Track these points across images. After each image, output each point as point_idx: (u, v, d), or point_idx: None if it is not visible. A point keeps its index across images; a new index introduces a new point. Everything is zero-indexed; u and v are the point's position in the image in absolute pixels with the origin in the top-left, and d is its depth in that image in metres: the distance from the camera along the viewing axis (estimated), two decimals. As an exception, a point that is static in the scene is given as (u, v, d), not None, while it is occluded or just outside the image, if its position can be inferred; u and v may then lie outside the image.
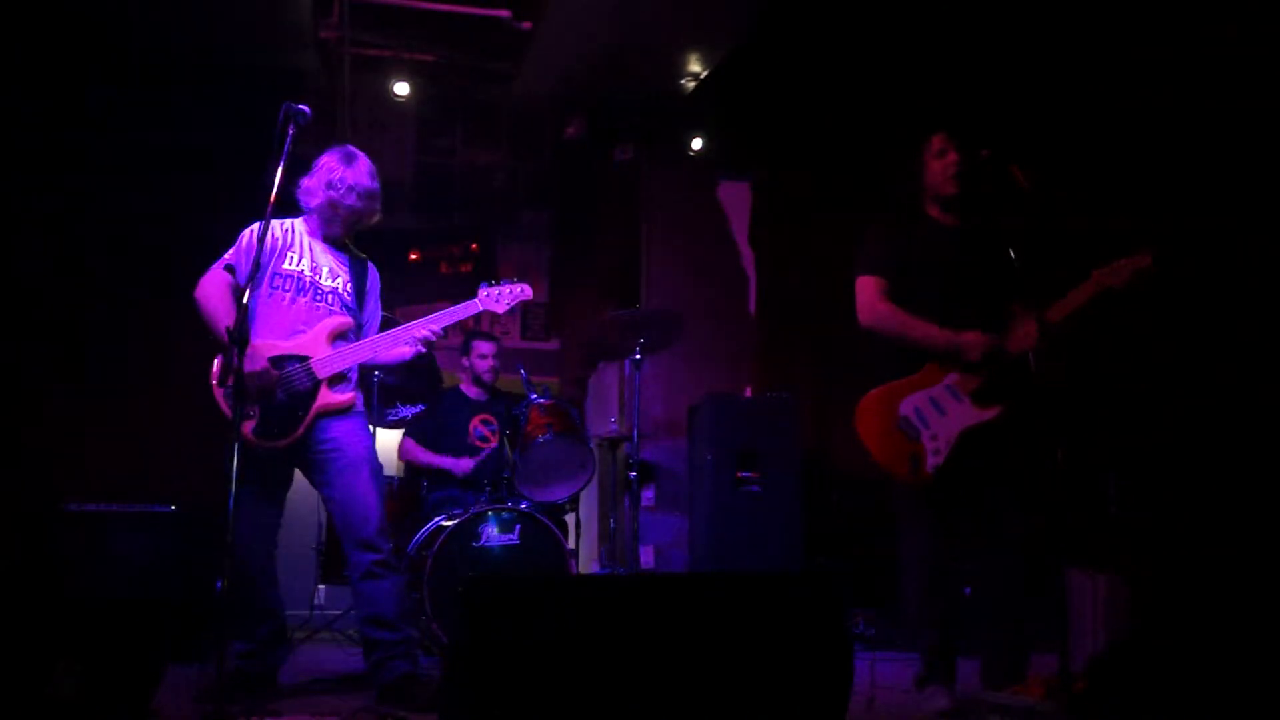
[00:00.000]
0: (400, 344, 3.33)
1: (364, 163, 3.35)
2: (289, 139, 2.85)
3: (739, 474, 5.00)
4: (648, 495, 5.83)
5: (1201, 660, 2.49)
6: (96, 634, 2.62)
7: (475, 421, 4.80)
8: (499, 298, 3.46)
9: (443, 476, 4.66)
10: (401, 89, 5.64)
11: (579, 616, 2.15)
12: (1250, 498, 3.53)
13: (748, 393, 5.96)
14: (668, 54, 5.50)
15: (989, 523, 3.17)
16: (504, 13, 5.25)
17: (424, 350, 3.33)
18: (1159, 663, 2.56)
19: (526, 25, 5.29)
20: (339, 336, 3.29)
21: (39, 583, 3.72)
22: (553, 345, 6.95)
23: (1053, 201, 3.12)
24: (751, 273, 6.50)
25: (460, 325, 4.00)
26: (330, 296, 3.31)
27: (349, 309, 3.36)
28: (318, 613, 4.65)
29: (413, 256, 3.47)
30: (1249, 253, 3.66)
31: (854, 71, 5.19)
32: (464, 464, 4.60)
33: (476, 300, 3.44)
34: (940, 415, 3.10)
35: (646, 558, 5.71)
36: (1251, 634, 2.56)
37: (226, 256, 3.27)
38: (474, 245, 6.26)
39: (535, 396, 4.46)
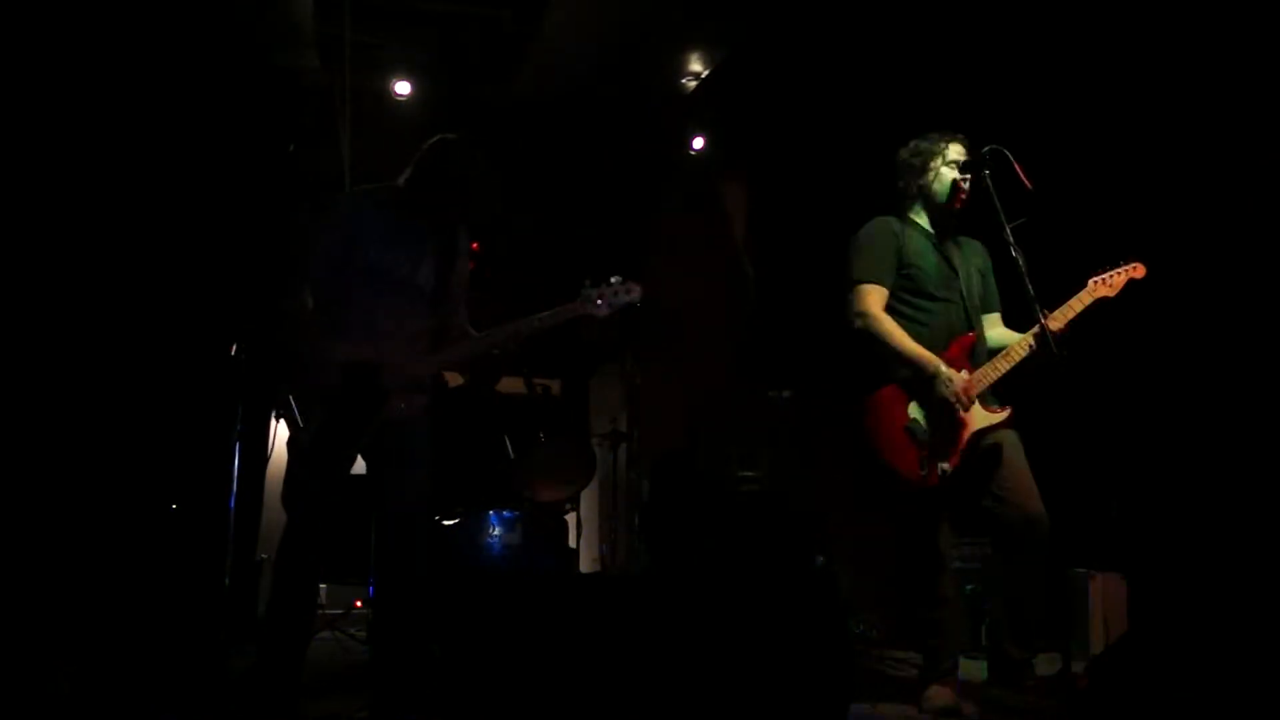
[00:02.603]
0: (482, 348, 3.11)
1: (474, 163, 3.11)
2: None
3: (740, 473, 5.00)
4: (648, 495, 5.83)
5: (1202, 660, 2.49)
6: (98, 633, 2.62)
7: (475, 419, 4.80)
8: (600, 300, 3.07)
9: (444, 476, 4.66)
10: (403, 89, 5.64)
11: (579, 616, 2.15)
12: (1250, 497, 3.53)
13: (748, 393, 5.96)
14: (668, 53, 5.51)
15: (993, 522, 3.16)
16: (504, 13, 5.25)
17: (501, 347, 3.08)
18: (1159, 663, 2.56)
19: (526, 25, 5.29)
20: (419, 340, 3.08)
21: (41, 582, 3.72)
22: (554, 346, 6.94)
23: (1054, 200, 3.12)
24: (752, 273, 6.51)
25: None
26: (415, 291, 3.09)
27: (434, 302, 3.13)
28: (319, 612, 4.64)
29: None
30: (1248, 251, 3.66)
31: (854, 71, 5.19)
32: None
33: (574, 304, 3.07)
34: (949, 419, 3.06)
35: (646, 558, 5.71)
36: (1251, 633, 2.56)
37: (312, 247, 3.04)
38: (474, 244, 6.24)
39: (537, 397, 4.47)
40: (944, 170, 3.18)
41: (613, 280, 3.09)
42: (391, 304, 3.04)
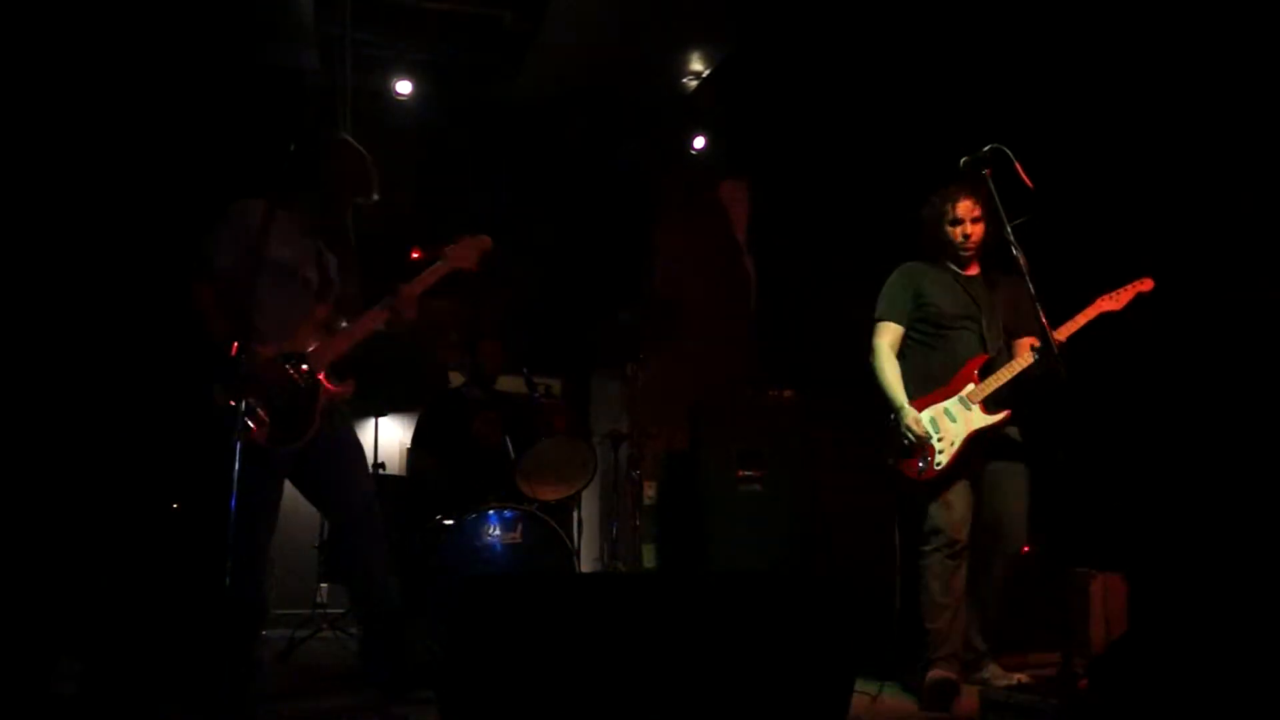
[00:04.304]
0: (377, 322, 3.27)
1: (361, 156, 3.31)
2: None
3: (740, 473, 5.00)
4: (649, 494, 5.83)
5: (1202, 660, 2.49)
6: (98, 633, 2.62)
7: (477, 421, 4.80)
8: (464, 253, 3.40)
9: (446, 475, 4.66)
10: (403, 88, 5.64)
11: (580, 615, 2.15)
12: (1249, 496, 3.54)
13: (749, 392, 5.96)
14: (668, 53, 5.51)
15: (977, 543, 3.41)
16: (504, 13, 5.26)
17: (392, 318, 3.28)
18: (1159, 663, 2.56)
19: (527, 25, 5.29)
20: (324, 326, 3.24)
21: (41, 582, 3.72)
22: (555, 345, 6.94)
23: (1055, 201, 3.14)
24: (753, 270, 6.51)
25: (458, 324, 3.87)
26: (310, 283, 3.25)
27: (320, 297, 3.29)
28: (319, 611, 4.65)
29: (414, 255, 3.53)
30: (1248, 251, 3.66)
31: (856, 70, 5.19)
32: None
33: (443, 261, 3.38)
34: (951, 422, 3.39)
35: (647, 557, 5.71)
36: (1252, 632, 2.56)
37: (219, 244, 3.14)
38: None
39: (538, 396, 4.47)
40: (947, 228, 3.53)
41: (463, 237, 3.41)
42: (294, 298, 3.19)
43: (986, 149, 3.09)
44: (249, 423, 2.98)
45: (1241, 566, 3.43)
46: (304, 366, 3.14)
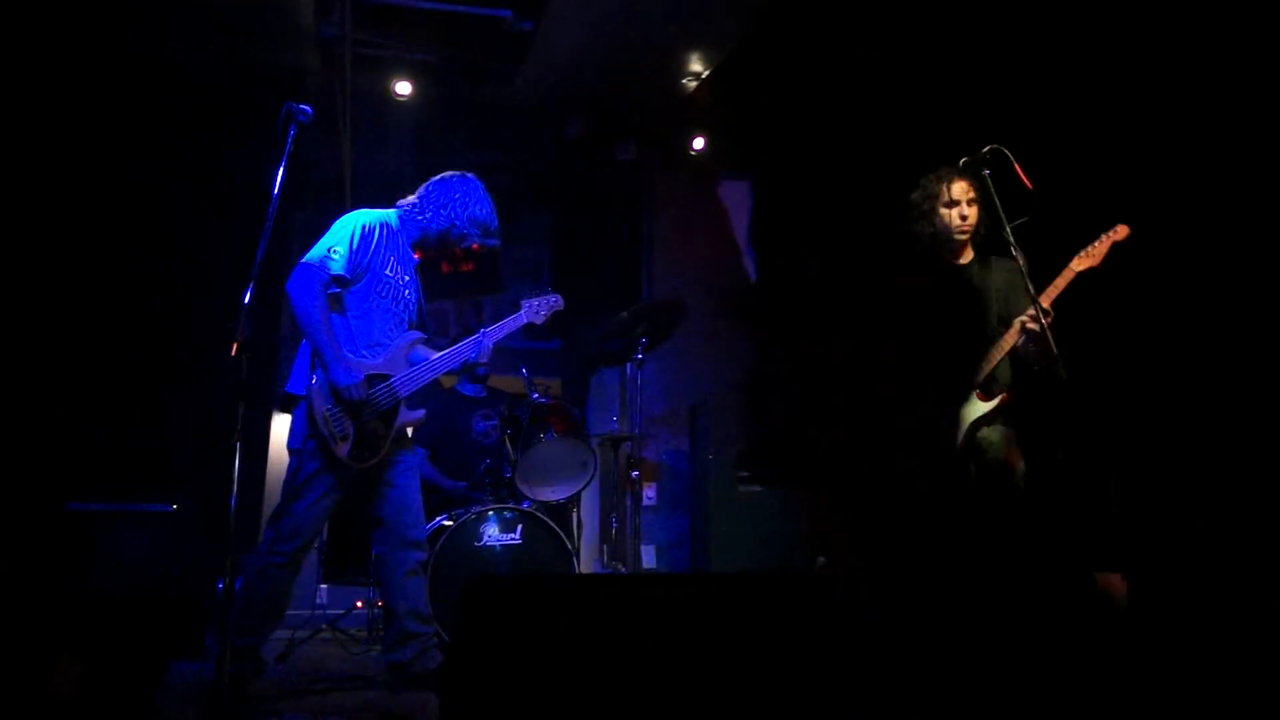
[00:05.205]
0: (457, 360, 3.45)
1: (489, 200, 3.48)
2: (290, 139, 2.89)
3: (740, 473, 5.00)
4: (649, 495, 5.83)
5: (1202, 660, 2.49)
6: (98, 633, 2.63)
7: (476, 418, 4.80)
8: (538, 309, 3.65)
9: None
10: (403, 89, 5.65)
11: (580, 616, 2.15)
12: (1251, 496, 3.54)
13: (749, 393, 5.96)
14: (668, 53, 5.51)
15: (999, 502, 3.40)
16: (504, 13, 5.26)
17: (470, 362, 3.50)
18: (1159, 663, 2.56)
19: (527, 25, 5.30)
20: (412, 352, 3.37)
21: (41, 582, 3.73)
22: (554, 345, 6.94)
23: (1055, 198, 3.14)
24: (753, 272, 6.51)
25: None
26: (408, 307, 3.39)
27: (417, 318, 3.46)
28: (319, 612, 4.64)
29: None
30: (1249, 249, 3.66)
31: (854, 70, 5.19)
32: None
33: (521, 314, 3.63)
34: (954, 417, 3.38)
35: (648, 557, 5.71)
36: (1251, 634, 2.56)
37: (333, 250, 3.17)
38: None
39: (536, 396, 4.47)
40: (943, 211, 3.41)
41: (535, 291, 3.68)
42: (394, 319, 3.31)
43: (986, 149, 3.10)
44: (337, 436, 3.08)
45: (1242, 567, 3.43)
46: (389, 390, 3.24)
